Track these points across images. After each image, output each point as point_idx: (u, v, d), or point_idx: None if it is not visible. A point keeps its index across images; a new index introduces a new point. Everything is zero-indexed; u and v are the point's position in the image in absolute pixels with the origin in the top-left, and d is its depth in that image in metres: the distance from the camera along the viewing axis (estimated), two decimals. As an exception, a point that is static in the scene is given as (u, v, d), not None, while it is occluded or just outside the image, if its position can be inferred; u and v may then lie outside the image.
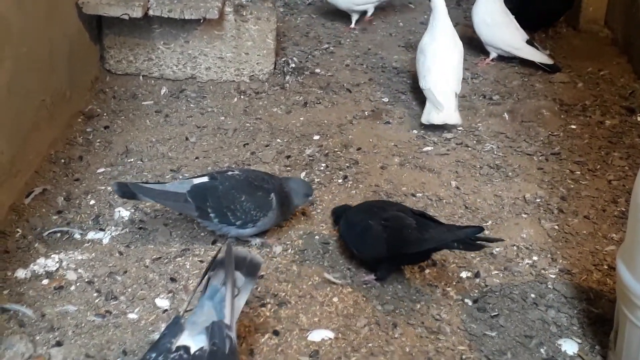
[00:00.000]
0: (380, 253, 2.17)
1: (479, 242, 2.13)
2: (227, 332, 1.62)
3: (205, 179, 2.35)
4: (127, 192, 2.28)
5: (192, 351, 1.55)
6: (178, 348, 1.55)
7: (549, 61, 3.60)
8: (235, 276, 1.75)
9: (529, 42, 3.66)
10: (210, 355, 1.55)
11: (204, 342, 1.58)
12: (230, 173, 2.40)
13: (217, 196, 2.28)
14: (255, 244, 2.39)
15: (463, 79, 3.49)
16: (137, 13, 3.11)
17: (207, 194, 2.28)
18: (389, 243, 2.13)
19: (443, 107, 3.04)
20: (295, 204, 2.42)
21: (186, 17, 3.20)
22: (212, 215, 2.29)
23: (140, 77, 3.41)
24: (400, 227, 2.13)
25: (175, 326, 1.61)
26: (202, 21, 3.27)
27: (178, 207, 2.35)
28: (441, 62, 3.19)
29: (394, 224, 2.15)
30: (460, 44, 3.32)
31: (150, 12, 3.18)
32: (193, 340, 1.58)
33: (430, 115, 3.08)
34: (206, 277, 1.77)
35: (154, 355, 1.55)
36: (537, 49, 3.65)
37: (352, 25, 4.14)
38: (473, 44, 3.96)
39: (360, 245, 2.23)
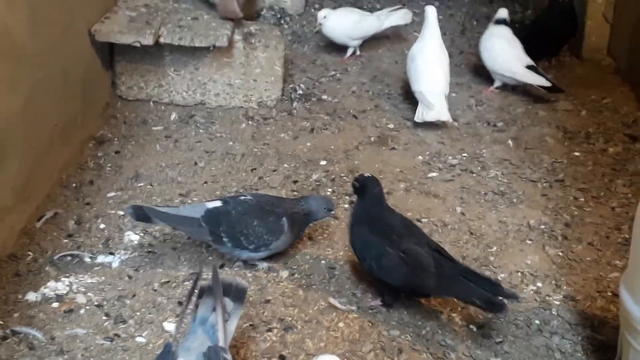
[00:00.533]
0: (393, 282, 2.16)
1: (501, 299, 2.05)
2: (224, 355, 1.62)
3: (218, 203, 2.37)
4: (142, 215, 2.30)
5: None
6: None
7: (547, 83, 3.57)
8: (224, 302, 1.76)
9: (532, 68, 3.64)
10: None
11: None
12: (242, 198, 2.42)
13: (230, 221, 2.30)
14: (263, 268, 2.40)
15: (467, 106, 3.58)
16: (149, 40, 3.14)
17: (220, 218, 2.30)
18: (405, 278, 2.12)
19: (434, 106, 3.28)
20: (317, 218, 2.46)
21: (196, 45, 3.23)
22: (225, 239, 2.31)
23: (151, 103, 3.44)
24: (420, 266, 2.10)
25: (169, 355, 1.60)
26: (211, 49, 3.30)
27: (192, 231, 2.37)
28: (431, 67, 3.43)
29: (413, 261, 2.11)
30: (446, 51, 3.59)
31: (162, 40, 3.20)
32: None
33: (424, 114, 3.31)
34: (194, 304, 1.77)
35: None
36: (540, 74, 3.64)
37: (346, 58, 4.12)
38: (479, 72, 3.99)
39: (375, 269, 2.17)
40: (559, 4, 4.01)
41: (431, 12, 3.56)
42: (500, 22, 3.79)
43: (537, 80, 3.59)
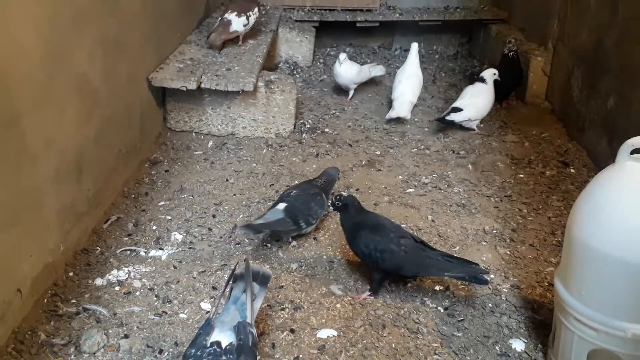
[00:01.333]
0: (396, 270, 2.14)
1: (480, 276, 2.12)
2: (250, 329, 1.62)
3: (284, 204, 2.44)
4: (255, 230, 2.42)
5: (223, 345, 1.55)
6: (212, 344, 1.55)
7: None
8: (253, 285, 1.77)
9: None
10: (238, 348, 1.55)
11: (232, 338, 1.58)
12: (293, 193, 2.52)
13: (301, 211, 2.42)
14: (293, 245, 2.49)
15: (437, 138, 3.59)
16: (192, 86, 3.16)
17: (294, 211, 2.40)
18: (406, 264, 2.12)
19: (395, 108, 3.72)
20: (334, 181, 2.68)
21: (229, 89, 3.25)
22: (302, 223, 2.42)
23: (193, 133, 3.45)
24: (417, 254, 2.13)
25: (208, 326, 1.61)
26: (240, 92, 3.32)
27: (282, 226, 2.41)
28: (404, 82, 3.85)
29: (411, 250, 2.13)
30: (420, 74, 3.94)
31: (202, 85, 3.22)
32: (223, 336, 1.58)
33: (389, 113, 3.73)
34: (229, 287, 1.78)
35: (193, 350, 1.55)
36: None
37: (349, 99, 4.15)
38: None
39: (381, 261, 2.12)
40: (508, 61, 4.03)
41: (414, 47, 3.99)
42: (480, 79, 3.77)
43: None
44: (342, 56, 4.01)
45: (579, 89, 3.61)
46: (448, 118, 3.59)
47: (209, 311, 2.06)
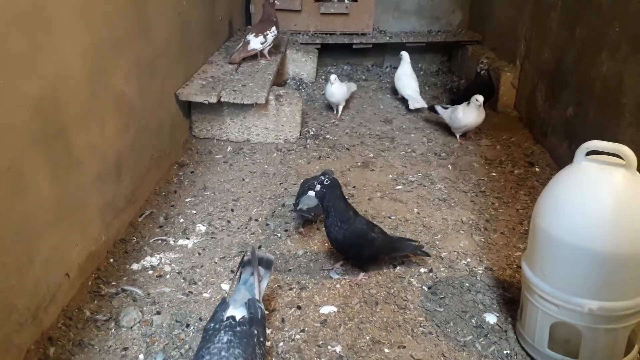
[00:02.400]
0: (375, 253, 2.19)
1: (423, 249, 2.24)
2: (258, 304, 1.64)
3: (312, 193, 2.40)
4: (306, 213, 2.42)
5: (237, 319, 1.56)
6: (227, 318, 1.56)
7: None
8: (259, 269, 1.78)
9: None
10: (250, 320, 1.57)
11: (244, 312, 1.59)
12: (318, 182, 2.32)
13: (328, 196, 2.23)
14: (301, 231, 2.50)
15: (422, 142, 3.59)
16: (213, 100, 3.16)
17: (324, 197, 2.24)
18: (381, 248, 2.17)
19: (419, 100, 4.06)
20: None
21: (244, 102, 3.25)
22: (328, 207, 2.22)
23: (214, 140, 3.45)
24: (388, 239, 2.20)
25: (224, 304, 1.63)
26: (254, 105, 3.32)
27: (319, 210, 2.34)
28: (412, 82, 4.24)
29: (384, 237, 2.18)
30: (414, 74, 4.31)
31: (222, 99, 3.22)
32: (237, 312, 1.59)
33: (415, 104, 4.03)
34: (239, 272, 1.80)
35: (212, 324, 1.56)
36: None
37: (339, 116, 3.98)
38: (428, 120, 4.00)
39: (359, 251, 2.15)
40: (481, 78, 4.01)
41: (405, 55, 4.31)
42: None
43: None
44: (333, 77, 3.89)
45: (542, 100, 3.60)
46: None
47: (228, 291, 2.07)
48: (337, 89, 3.93)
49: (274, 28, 3.84)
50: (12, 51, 1.61)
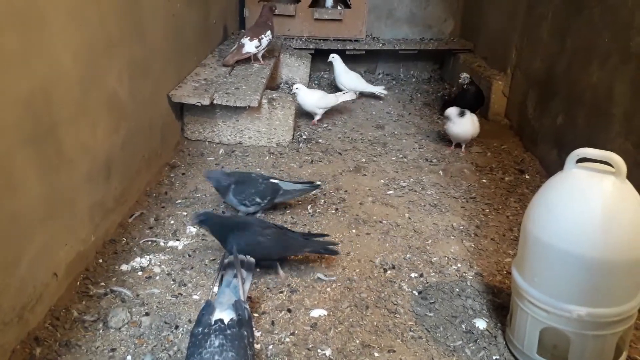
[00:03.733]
0: (271, 257, 2.15)
1: (330, 247, 2.17)
2: (245, 305, 1.63)
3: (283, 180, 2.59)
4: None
5: (225, 322, 1.54)
6: (216, 321, 1.54)
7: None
8: (242, 271, 1.78)
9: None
10: (239, 322, 1.55)
11: (232, 314, 1.57)
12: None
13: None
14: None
15: (413, 149, 3.60)
16: (206, 102, 3.15)
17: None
18: (277, 251, 2.12)
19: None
20: None
21: (237, 105, 3.24)
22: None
23: (206, 142, 3.43)
24: (285, 239, 2.14)
25: (209, 307, 1.60)
26: (247, 108, 3.31)
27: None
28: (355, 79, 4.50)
29: (275, 237, 2.12)
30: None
31: (215, 101, 3.21)
32: (224, 314, 1.57)
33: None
34: (220, 274, 1.78)
35: (200, 329, 1.53)
36: None
37: (315, 121, 3.91)
38: (420, 127, 4.01)
39: (254, 253, 1.98)
40: (463, 92, 4.01)
41: (336, 56, 4.42)
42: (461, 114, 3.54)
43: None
44: (295, 86, 3.79)
45: (533, 108, 3.62)
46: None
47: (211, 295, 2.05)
48: (303, 98, 3.78)
49: (269, 32, 3.85)
50: (4, 49, 1.59)
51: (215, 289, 1.71)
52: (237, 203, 2.48)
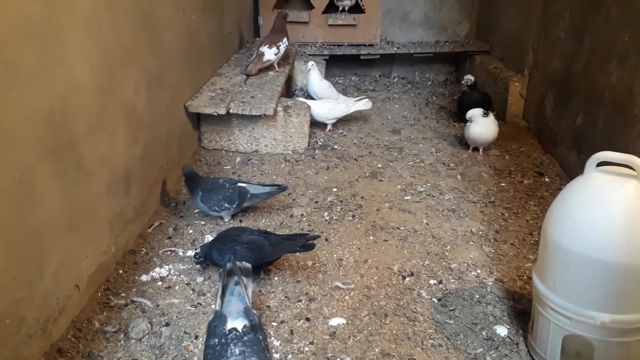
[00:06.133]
0: (269, 258, 2.13)
1: (309, 242, 2.12)
2: (253, 311, 1.64)
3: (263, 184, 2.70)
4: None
5: (240, 329, 1.55)
6: (230, 330, 1.55)
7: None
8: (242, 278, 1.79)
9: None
10: (253, 327, 1.57)
11: (244, 321, 1.58)
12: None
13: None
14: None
15: (430, 153, 3.59)
16: (222, 111, 3.17)
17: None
18: (255, 259, 2.06)
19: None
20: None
21: (253, 114, 3.26)
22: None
23: (223, 151, 3.46)
24: (260, 246, 2.09)
25: (221, 317, 1.61)
26: (263, 116, 3.32)
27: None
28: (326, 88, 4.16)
29: (253, 245, 2.09)
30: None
31: (231, 111, 3.23)
32: (237, 322, 1.59)
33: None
34: (222, 284, 1.78)
35: (216, 340, 1.53)
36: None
37: (327, 131, 3.84)
38: (437, 130, 3.99)
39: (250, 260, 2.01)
40: (465, 94, 4.06)
41: (310, 65, 4.08)
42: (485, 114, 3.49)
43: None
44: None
45: (551, 109, 3.57)
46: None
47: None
48: (313, 110, 3.67)
49: (285, 39, 3.89)
50: (23, 64, 1.63)
51: (219, 300, 1.72)
52: (207, 209, 2.57)
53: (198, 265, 2.25)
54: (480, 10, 5.34)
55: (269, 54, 3.81)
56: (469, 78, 3.98)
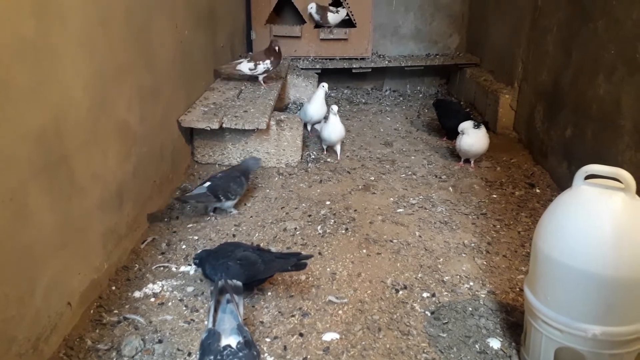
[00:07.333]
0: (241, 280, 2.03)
1: (301, 262, 2.09)
2: (245, 328, 1.65)
3: (208, 183, 2.74)
4: (183, 201, 2.77)
5: (234, 346, 1.55)
6: (224, 347, 1.55)
7: None
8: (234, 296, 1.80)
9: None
10: (246, 344, 1.57)
11: (238, 338, 1.59)
12: (218, 175, 2.81)
13: (221, 188, 2.73)
14: (232, 213, 2.82)
15: (422, 165, 3.59)
16: (215, 126, 3.18)
17: (216, 188, 2.71)
18: (247, 276, 2.05)
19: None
20: (253, 170, 2.92)
21: (246, 128, 3.27)
22: (222, 198, 2.72)
23: (216, 165, 3.46)
24: (252, 263, 2.07)
25: (215, 335, 1.61)
26: (256, 130, 3.34)
27: (204, 198, 2.71)
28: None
29: (246, 262, 2.07)
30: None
31: (224, 125, 3.24)
32: (230, 339, 1.59)
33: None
34: (214, 302, 1.78)
35: (211, 357, 1.53)
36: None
37: (339, 157, 3.70)
38: (428, 142, 4.01)
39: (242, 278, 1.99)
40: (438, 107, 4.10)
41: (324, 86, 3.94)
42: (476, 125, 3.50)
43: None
44: (334, 108, 3.56)
45: (541, 121, 3.61)
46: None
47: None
48: (330, 131, 3.54)
49: (268, 61, 3.86)
50: (16, 82, 1.63)
51: (211, 317, 1.71)
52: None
53: (193, 270, 2.23)
54: (470, 24, 5.41)
55: (244, 65, 3.88)
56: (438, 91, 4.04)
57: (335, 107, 3.59)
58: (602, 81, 2.79)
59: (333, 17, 4.96)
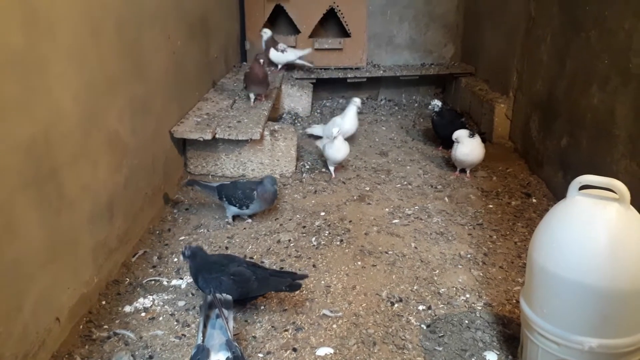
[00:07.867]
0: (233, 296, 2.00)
1: (295, 282, 2.08)
2: (235, 343, 1.64)
3: (220, 183, 2.86)
4: (193, 184, 2.93)
5: None
6: None
7: None
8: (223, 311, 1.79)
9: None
10: (235, 359, 1.57)
11: (227, 354, 1.58)
12: (230, 183, 2.87)
13: (227, 192, 2.80)
14: (248, 221, 2.89)
15: (417, 175, 3.59)
16: (208, 136, 3.18)
17: (223, 190, 2.80)
18: (239, 292, 2.03)
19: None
20: (270, 190, 2.81)
21: (239, 138, 3.26)
22: (224, 198, 2.80)
23: (210, 176, 3.45)
24: (246, 280, 2.04)
25: (204, 351, 1.61)
26: (249, 140, 3.33)
27: (209, 192, 2.88)
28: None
29: (240, 278, 2.04)
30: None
31: (217, 136, 3.24)
32: (220, 355, 1.58)
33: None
34: (204, 317, 1.78)
35: None
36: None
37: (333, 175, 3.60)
38: (424, 152, 4.01)
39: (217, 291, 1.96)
40: (435, 119, 4.06)
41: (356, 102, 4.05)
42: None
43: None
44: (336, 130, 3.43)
45: (536, 130, 3.62)
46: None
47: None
48: (335, 151, 3.44)
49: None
50: (5, 94, 1.63)
51: (200, 333, 1.70)
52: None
53: (184, 284, 2.21)
54: (464, 33, 5.45)
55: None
56: (435, 104, 4.02)
57: (336, 130, 3.45)
58: (596, 91, 2.81)
59: (275, 56, 4.60)
